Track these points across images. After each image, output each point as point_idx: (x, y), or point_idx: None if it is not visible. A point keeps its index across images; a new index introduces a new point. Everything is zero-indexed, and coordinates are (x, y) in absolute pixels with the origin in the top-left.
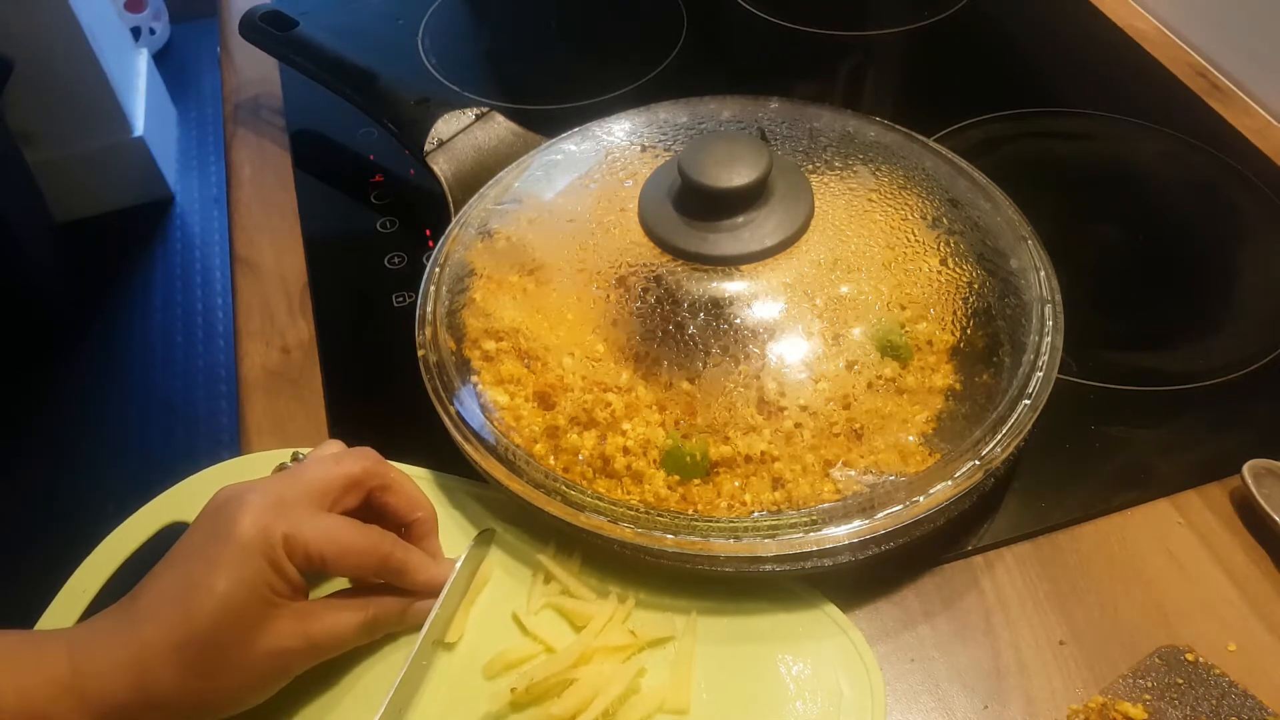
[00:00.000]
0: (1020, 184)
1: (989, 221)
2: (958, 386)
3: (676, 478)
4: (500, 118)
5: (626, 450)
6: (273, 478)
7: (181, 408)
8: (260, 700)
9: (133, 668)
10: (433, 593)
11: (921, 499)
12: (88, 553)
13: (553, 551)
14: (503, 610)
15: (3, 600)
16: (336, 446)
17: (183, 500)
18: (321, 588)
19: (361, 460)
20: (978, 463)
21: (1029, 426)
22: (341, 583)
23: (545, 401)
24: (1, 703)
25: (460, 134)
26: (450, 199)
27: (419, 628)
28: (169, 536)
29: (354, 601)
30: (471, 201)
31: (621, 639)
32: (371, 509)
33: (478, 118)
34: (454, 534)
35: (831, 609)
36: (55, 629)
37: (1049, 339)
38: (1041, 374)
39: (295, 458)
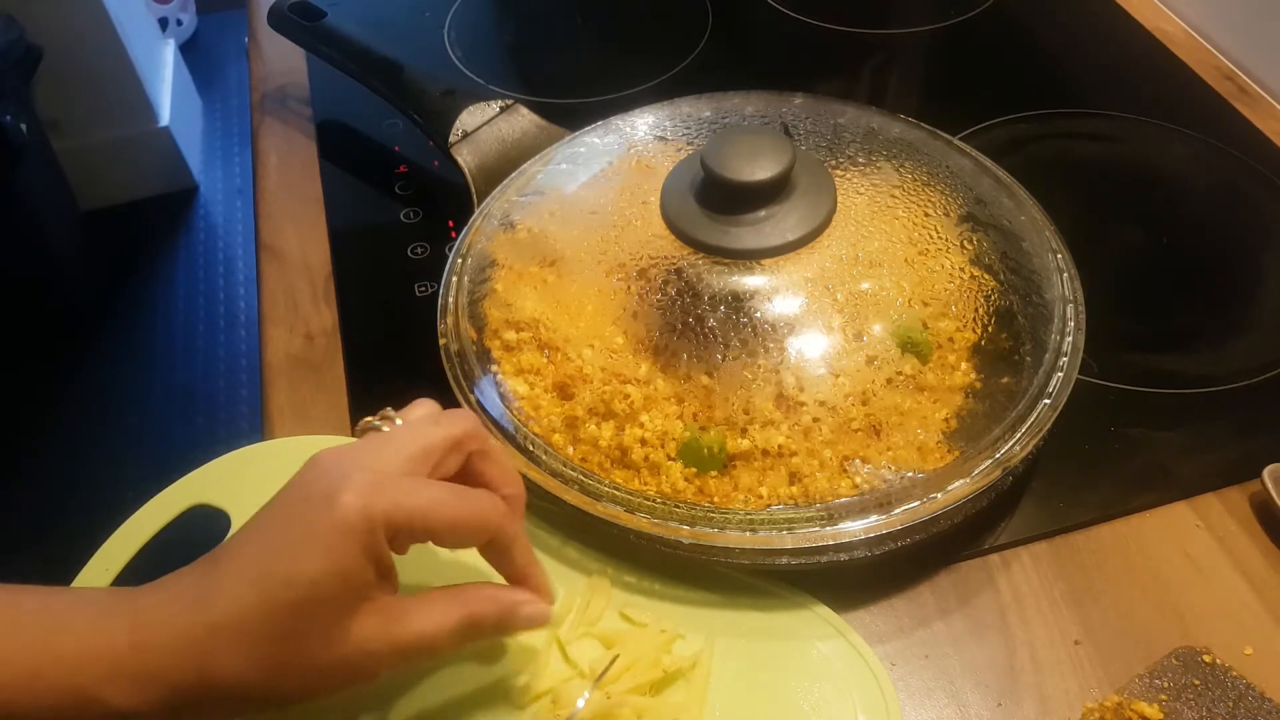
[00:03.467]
0: (1044, 184)
1: (1013, 220)
2: (978, 384)
3: (694, 470)
4: (524, 110)
5: (644, 442)
6: (369, 444)
7: (202, 396)
8: (328, 696)
9: (198, 650)
10: (533, 578)
11: (939, 496)
12: (105, 539)
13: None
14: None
15: (23, 584)
16: (430, 406)
17: (209, 483)
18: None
19: (462, 421)
20: (996, 461)
21: (1048, 426)
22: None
23: (564, 392)
24: (43, 672)
25: (484, 126)
26: (473, 190)
27: (513, 633)
28: (193, 518)
29: (448, 598)
30: (494, 193)
31: (650, 677)
32: (465, 478)
33: (502, 110)
34: None
35: (855, 638)
36: (122, 592)
37: (1070, 339)
38: (1062, 374)
39: (384, 416)
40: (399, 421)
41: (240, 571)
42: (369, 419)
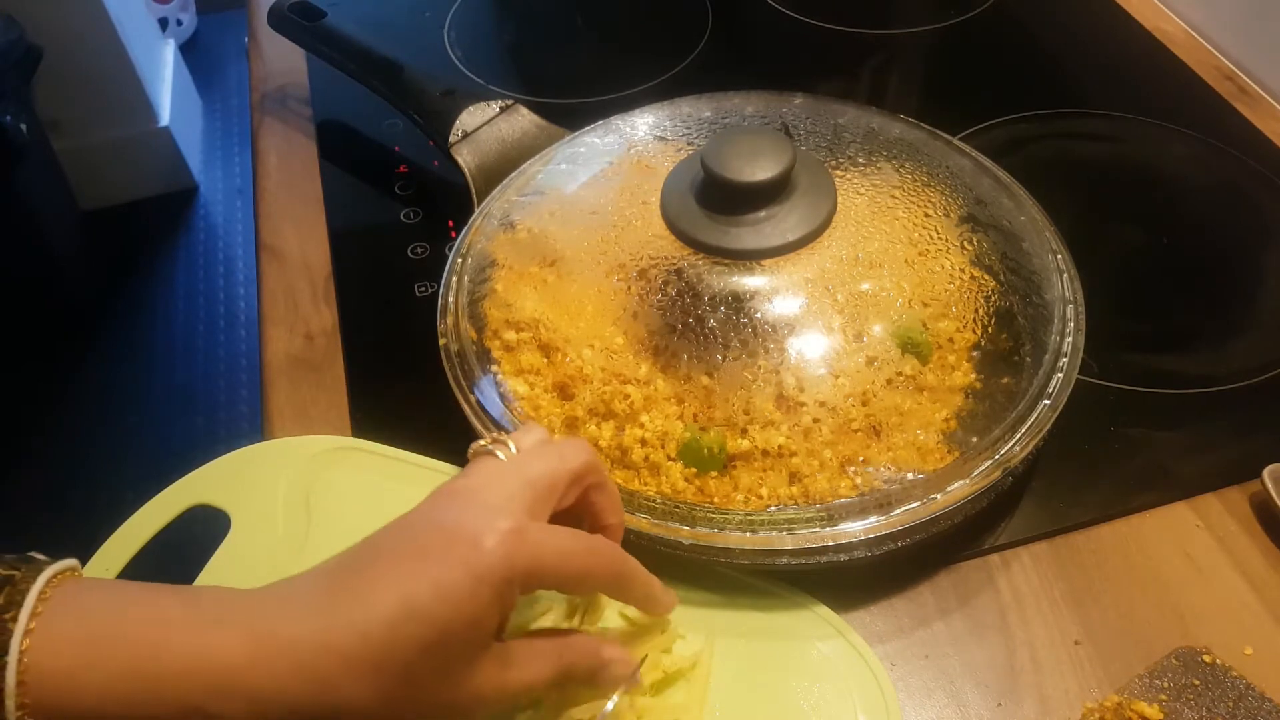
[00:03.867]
0: (1044, 184)
1: (1013, 221)
2: (978, 385)
3: (694, 470)
4: (524, 110)
5: (644, 442)
6: (495, 476)
7: (202, 396)
8: None
9: (319, 675)
10: (652, 606)
11: (939, 497)
12: (106, 539)
13: None
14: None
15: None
16: (540, 432)
17: (209, 483)
18: None
19: (582, 453)
20: (996, 461)
21: (1048, 426)
22: None
23: (564, 392)
24: (150, 684)
25: (484, 126)
26: (473, 190)
27: (606, 689)
28: (193, 518)
29: (549, 647)
30: (494, 193)
31: (651, 679)
32: (575, 504)
33: (502, 110)
34: None
35: (855, 638)
36: (236, 597)
37: (1070, 339)
38: (1062, 374)
39: (498, 441)
40: (513, 446)
41: (375, 601)
42: (482, 443)
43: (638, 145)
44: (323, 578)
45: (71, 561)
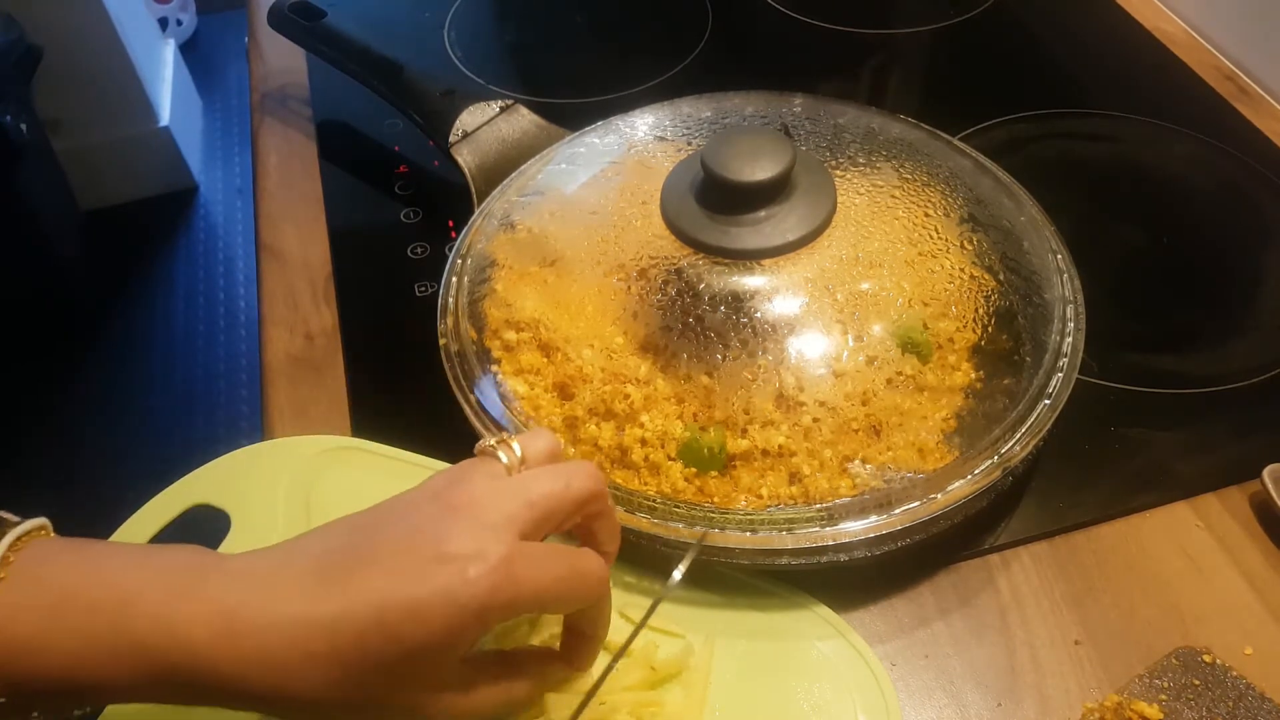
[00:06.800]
0: (1044, 184)
1: (1012, 221)
2: (978, 385)
3: (694, 470)
4: (524, 110)
5: (644, 442)
6: (498, 489)
7: (202, 396)
8: None
9: (280, 664)
10: (592, 646)
11: (939, 496)
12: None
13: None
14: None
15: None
16: (548, 439)
17: (209, 483)
18: None
19: (590, 480)
20: (996, 461)
21: (1048, 426)
22: None
23: (564, 392)
24: (123, 658)
25: (485, 126)
26: (473, 190)
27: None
28: (193, 518)
29: (503, 670)
30: (494, 193)
31: (641, 676)
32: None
33: (502, 110)
34: None
35: (855, 638)
36: (215, 566)
37: (1070, 339)
38: (1062, 374)
39: (503, 442)
40: (518, 450)
41: (351, 608)
42: (489, 443)
43: (638, 145)
44: (311, 562)
45: (40, 521)
